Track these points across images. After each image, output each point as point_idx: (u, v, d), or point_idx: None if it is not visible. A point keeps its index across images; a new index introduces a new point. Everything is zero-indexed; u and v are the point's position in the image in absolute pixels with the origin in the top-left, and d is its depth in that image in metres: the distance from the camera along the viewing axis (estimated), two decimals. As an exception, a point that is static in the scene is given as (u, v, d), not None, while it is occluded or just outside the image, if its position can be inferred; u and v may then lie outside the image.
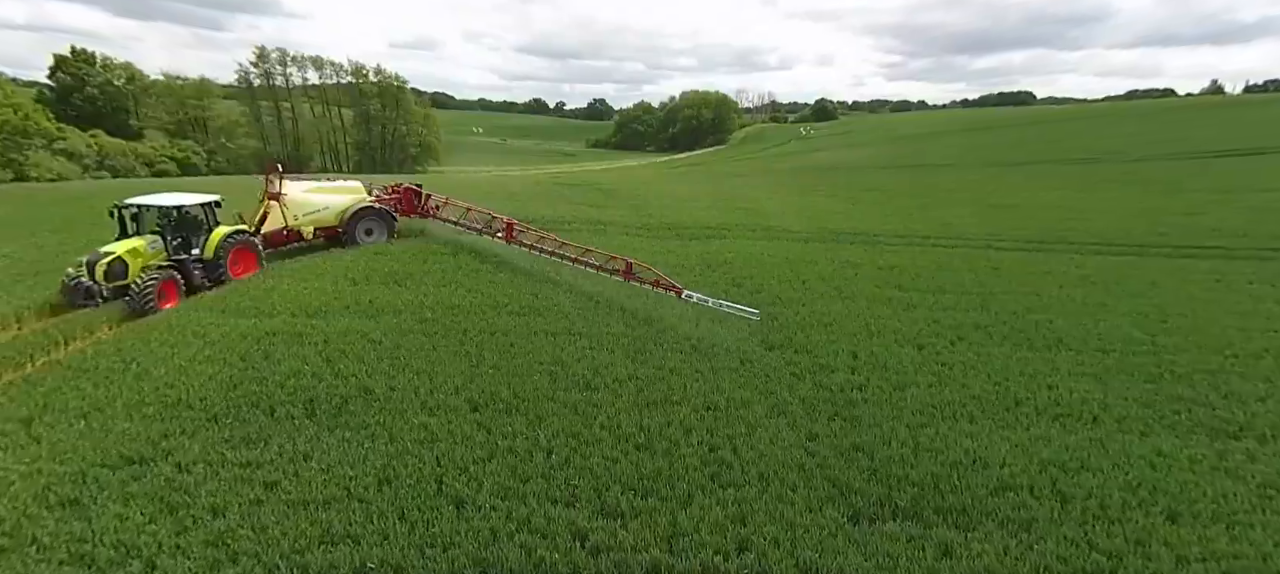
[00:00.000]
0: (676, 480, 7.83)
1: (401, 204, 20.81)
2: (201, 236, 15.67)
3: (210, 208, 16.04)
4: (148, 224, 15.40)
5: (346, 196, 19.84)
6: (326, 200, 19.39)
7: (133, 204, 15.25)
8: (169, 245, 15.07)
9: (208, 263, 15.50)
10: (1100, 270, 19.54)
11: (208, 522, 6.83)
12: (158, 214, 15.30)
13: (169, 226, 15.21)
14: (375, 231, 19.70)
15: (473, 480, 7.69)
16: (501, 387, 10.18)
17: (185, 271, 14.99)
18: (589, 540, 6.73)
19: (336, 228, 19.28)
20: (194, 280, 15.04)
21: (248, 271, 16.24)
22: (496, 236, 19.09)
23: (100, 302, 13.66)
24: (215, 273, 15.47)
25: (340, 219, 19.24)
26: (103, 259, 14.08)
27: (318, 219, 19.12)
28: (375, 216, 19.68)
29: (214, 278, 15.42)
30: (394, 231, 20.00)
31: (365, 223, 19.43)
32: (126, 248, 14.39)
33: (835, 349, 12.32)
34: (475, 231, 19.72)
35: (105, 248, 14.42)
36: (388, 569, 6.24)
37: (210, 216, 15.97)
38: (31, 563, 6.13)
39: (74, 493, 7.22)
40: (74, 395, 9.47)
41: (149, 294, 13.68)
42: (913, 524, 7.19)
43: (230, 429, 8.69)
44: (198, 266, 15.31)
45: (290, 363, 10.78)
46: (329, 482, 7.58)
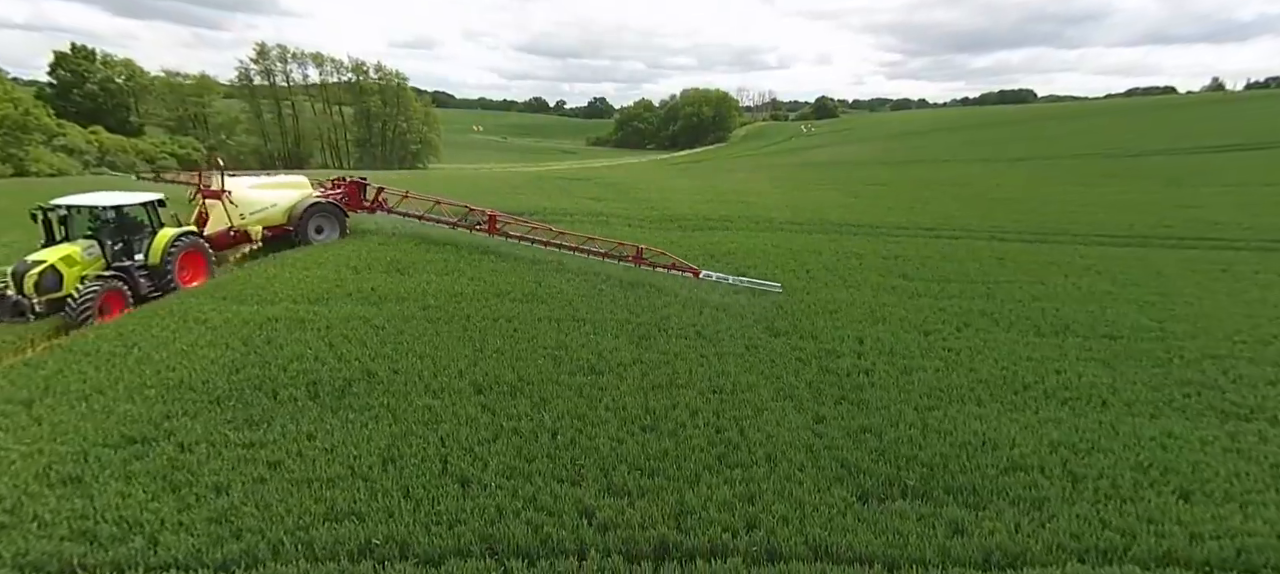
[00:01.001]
0: (683, 460, 7.75)
1: (346, 200, 19.42)
2: (144, 240, 14.05)
3: (153, 208, 14.38)
4: (79, 227, 13.64)
5: (293, 192, 18.61)
6: (274, 197, 18.04)
7: (61, 205, 13.36)
8: (108, 251, 13.38)
9: (153, 269, 13.89)
10: (1104, 261, 19.45)
11: (211, 499, 6.76)
12: (90, 216, 13.57)
13: (106, 230, 13.45)
14: (326, 229, 18.40)
15: (478, 460, 7.61)
16: (506, 370, 10.10)
17: (131, 280, 13.42)
18: (596, 518, 6.65)
19: (286, 226, 17.97)
20: (140, 289, 13.48)
21: (197, 279, 14.69)
22: (477, 229, 18.46)
23: (32, 317, 12.11)
24: (162, 280, 13.89)
25: (288, 217, 17.99)
26: (32, 270, 12.24)
27: (266, 217, 17.74)
28: (325, 213, 18.48)
29: (161, 286, 13.86)
30: (346, 228, 18.77)
31: (315, 220, 18.19)
32: (59, 255, 12.62)
33: (841, 335, 12.24)
34: (448, 226, 18.73)
35: (33, 256, 12.60)
36: (393, 545, 6.16)
37: (153, 218, 14.34)
38: (33, 539, 6.06)
39: (75, 471, 7.15)
40: (76, 378, 9.40)
41: (88, 306, 12.12)
42: (922, 503, 7.11)
43: (233, 411, 8.62)
44: (143, 274, 13.73)
45: (293, 347, 10.71)
46: (333, 461, 7.50)
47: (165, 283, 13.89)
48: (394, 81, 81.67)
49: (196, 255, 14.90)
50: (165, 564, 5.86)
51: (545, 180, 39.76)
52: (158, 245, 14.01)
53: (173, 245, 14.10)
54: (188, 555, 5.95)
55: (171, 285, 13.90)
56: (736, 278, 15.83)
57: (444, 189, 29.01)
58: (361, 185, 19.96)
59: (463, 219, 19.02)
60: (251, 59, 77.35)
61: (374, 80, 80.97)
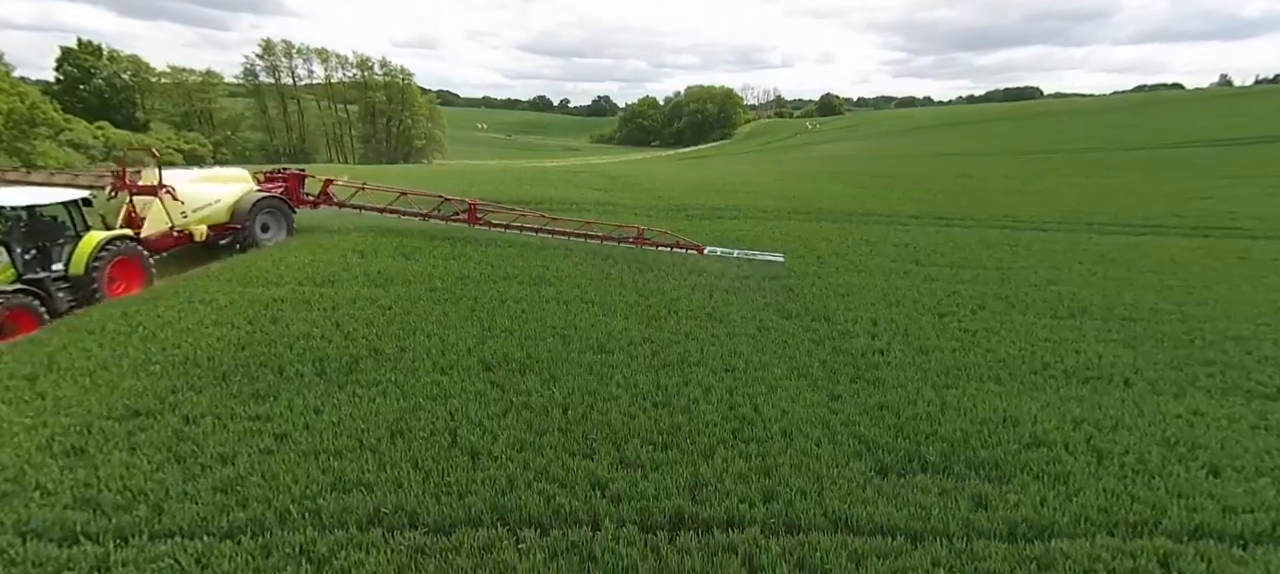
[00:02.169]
0: (697, 435, 7.58)
1: (288, 194, 17.75)
2: (65, 246, 12.13)
3: (76, 208, 12.45)
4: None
5: (236, 186, 16.85)
6: (218, 192, 16.17)
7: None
8: (17, 260, 11.47)
9: (76, 280, 11.98)
10: (1119, 249, 19.22)
11: (216, 469, 6.62)
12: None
13: (15, 234, 11.50)
14: (272, 227, 16.86)
15: (487, 434, 7.45)
16: (515, 349, 9.95)
17: (45, 294, 11.45)
18: (609, 489, 6.49)
19: (231, 225, 16.18)
20: (56, 305, 11.51)
21: (132, 288, 12.77)
22: (456, 219, 17.61)
23: None
24: (86, 292, 12.02)
25: (232, 213, 16.23)
26: None
27: (210, 214, 15.80)
28: (271, 210, 16.88)
29: (84, 298, 11.99)
30: (292, 226, 17.28)
31: (261, 217, 16.58)
32: None
33: (854, 317, 12.06)
34: (418, 217, 17.72)
35: None
36: (402, 514, 6.01)
37: (76, 219, 12.42)
38: (35, 507, 5.93)
39: (79, 443, 7.02)
40: (79, 354, 9.28)
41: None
42: (943, 477, 6.93)
43: (239, 386, 8.48)
44: (62, 286, 11.85)
45: (299, 326, 10.57)
46: (340, 433, 7.35)
47: (89, 295, 12.04)
48: (399, 78, 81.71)
49: (130, 262, 12.97)
50: (170, 531, 5.71)
51: (550, 174, 39.63)
52: (81, 252, 12.04)
53: (100, 252, 12.16)
54: (192, 523, 5.81)
55: (98, 297, 12.07)
56: (741, 251, 15.74)
57: (450, 183, 28.97)
58: (301, 177, 18.52)
59: (435, 209, 17.92)
60: (257, 55, 77.45)
61: (379, 76, 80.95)
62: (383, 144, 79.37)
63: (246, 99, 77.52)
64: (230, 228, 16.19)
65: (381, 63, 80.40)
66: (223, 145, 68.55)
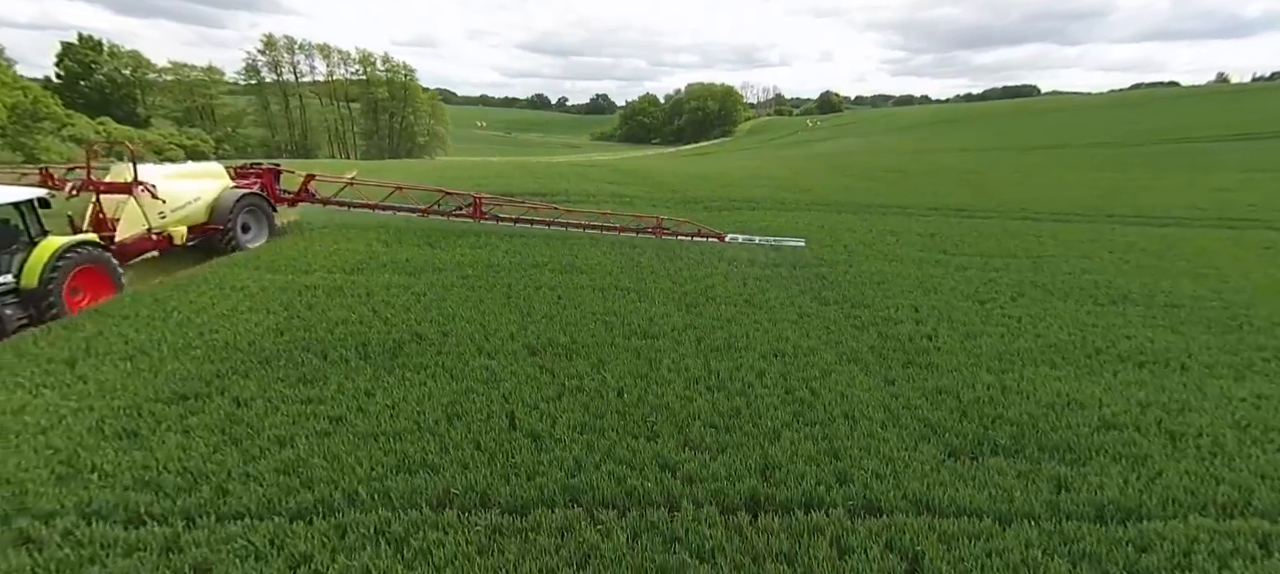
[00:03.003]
0: (758, 418, 7.42)
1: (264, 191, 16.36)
2: (16, 254, 10.48)
3: (29, 209, 10.73)
4: None
5: (213, 182, 15.28)
6: (196, 188, 14.62)
7: None
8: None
9: (28, 294, 10.27)
10: (1145, 239, 19.08)
11: (275, 452, 6.44)
12: None
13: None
14: (253, 228, 15.44)
15: (545, 416, 7.28)
16: (558, 334, 9.77)
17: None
18: (679, 471, 6.32)
19: (211, 225, 14.59)
20: (3, 323, 9.83)
21: (97, 299, 11.07)
22: (458, 214, 16.87)
23: None
24: (41, 307, 10.31)
25: (211, 212, 14.70)
26: None
27: (189, 214, 14.26)
28: (253, 208, 15.44)
29: (39, 315, 10.27)
30: (274, 227, 16.05)
31: (243, 216, 15.17)
32: None
33: (894, 304, 11.90)
34: (416, 213, 16.88)
35: None
36: (473, 496, 5.84)
37: (30, 223, 10.75)
38: (95, 488, 5.75)
39: (130, 426, 6.83)
40: (116, 339, 9.09)
41: None
42: (1017, 460, 6.76)
43: (284, 370, 8.29)
44: (10, 300, 10.16)
45: (336, 312, 10.40)
46: (397, 416, 7.18)
47: (45, 310, 10.31)
48: (402, 74, 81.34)
49: (95, 271, 11.28)
50: (237, 512, 5.53)
51: (561, 169, 39.46)
52: (36, 261, 10.35)
53: (58, 260, 10.51)
54: (259, 504, 5.63)
55: (55, 312, 10.35)
56: (762, 238, 15.59)
57: (462, 178, 28.77)
58: (276, 172, 17.14)
59: (434, 204, 16.96)
60: (259, 50, 77.03)
61: (382, 72, 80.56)
62: (385, 141, 79.03)
63: (248, 95, 77.02)
64: (209, 229, 14.57)
65: (384, 59, 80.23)
66: (225, 142, 68.15)
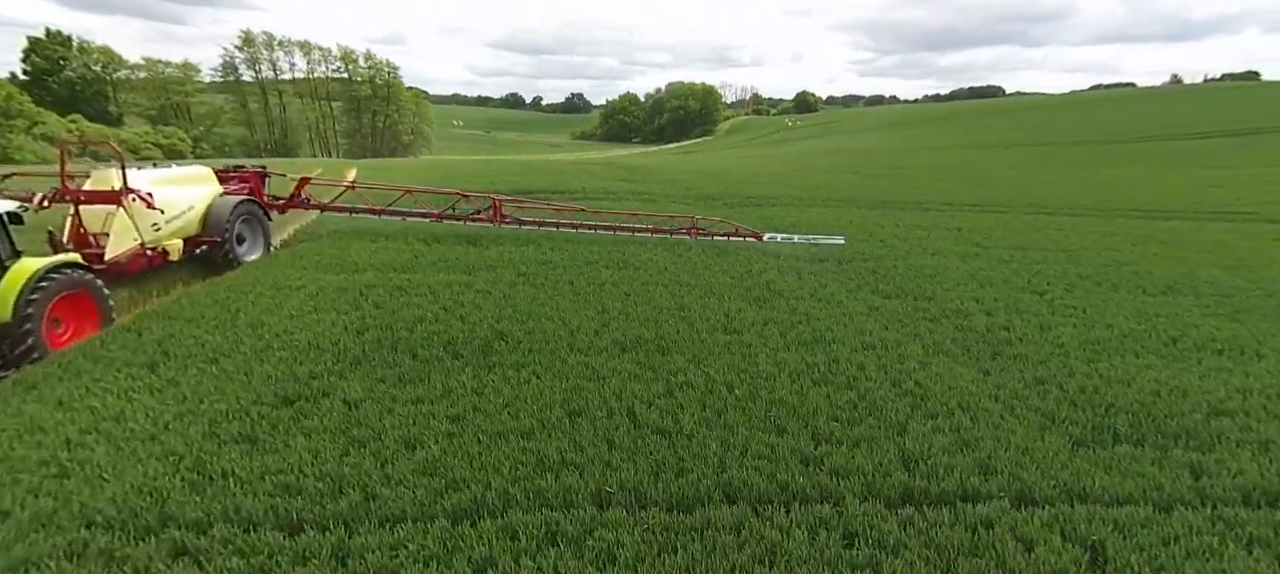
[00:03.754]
0: (877, 410, 7.38)
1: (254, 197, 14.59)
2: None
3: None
4: None
5: (205, 187, 13.37)
6: (190, 196, 12.74)
7: None
8: None
9: (3, 328, 8.46)
10: (1162, 232, 19.58)
11: (406, 453, 6.22)
12: None
13: None
14: (248, 239, 13.70)
15: (665, 413, 7.16)
16: (642, 331, 9.64)
17: None
18: (824, 465, 6.25)
19: (205, 237, 12.77)
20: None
21: (82, 333, 9.33)
22: (476, 219, 15.73)
23: None
24: (18, 345, 8.48)
25: (206, 223, 12.86)
26: None
27: (185, 225, 12.44)
28: (248, 216, 13.71)
29: (15, 356, 8.46)
30: (270, 239, 14.46)
31: (239, 226, 13.40)
32: None
33: (956, 296, 11.99)
34: (428, 219, 15.76)
35: None
36: (628, 493, 5.69)
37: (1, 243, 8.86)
38: (238, 495, 5.47)
39: (245, 430, 6.54)
40: (190, 342, 8.71)
41: None
42: (1142, 448, 6.82)
43: (380, 370, 8.04)
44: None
45: (407, 311, 10.13)
46: (517, 415, 6.99)
47: (23, 348, 8.49)
48: (385, 72, 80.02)
49: (80, 298, 9.48)
50: (392, 517, 5.32)
51: (562, 166, 39.18)
52: (8, 289, 8.52)
53: (35, 288, 8.66)
54: (412, 508, 5.41)
55: (35, 352, 8.55)
56: (801, 237, 15.61)
57: (462, 178, 28.33)
58: (262, 175, 15.31)
59: (449, 208, 15.87)
60: (237, 47, 75.05)
61: (364, 70, 79.17)
62: (368, 140, 77.63)
63: (225, 93, 74.98)
64: (203, 241, 12.77)
65: (366, 56, 78.82)
66: (202, 140, 66.28)
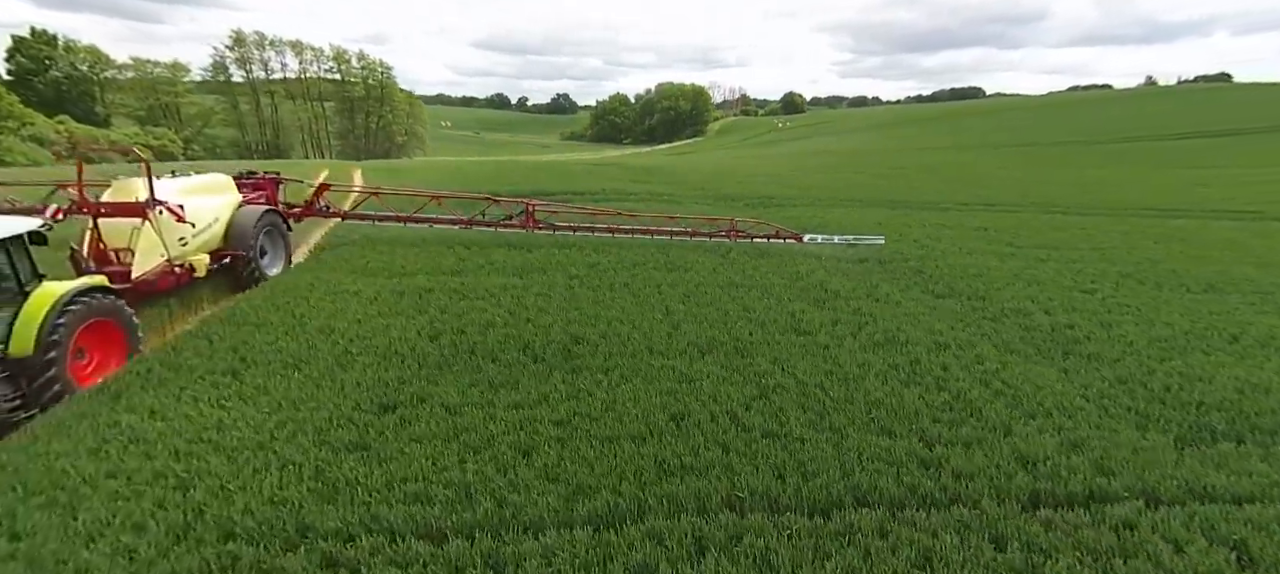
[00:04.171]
0: (976, 412, 7.39)
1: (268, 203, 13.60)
2: (4, 310, 7.49)
3: (18, 248, 7.75)
4: None
5: (227, 196, 12.45)
6: (214, 206, 11.87)
7: None
8: None
9: (22, 364, 7.30)
10: (1172, 231, 19.95)
11: (524, 460, 6.12)
12: None
13: None
14: (269, 252, 12.76)
15: (768, 416, 7.11)
16: (714, 332, 9.60)
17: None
18: (945, 467, 6.23)
19: (229, 251, 11.86)
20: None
21: (108, 367, 8.26)
22: (508, 225, 14.87)
23: None
24: (41, 383, 7.34)
25: (229, 235, 11.99)
26: None
27: (210, 238, 11.59)
28: (271, 227, 12.80)
29: (38, 396, 7.33)
30: (291, 251, 13.54)
31: (262, 239, 12.50)
32: None
33: (1007, 296, 12.05)
34: (458, 225, 14.81)
35: None
36: (759, 498, 5.64)
37: (18, 266, 7.73)
38: (373, 504, 5.35)
39: (354, 438, 6.41)
40: (266, 348, 8.52)
41: None
42: (1244, 445, 6.89)
43: (468, 375, 7.92)
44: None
45: (473, 314, 10.01)
46: (621, 419, 6.91)
47: (46, 387, 7.37)
48: (378, 72, 79.25)
49: (107, 326, 8.35)
50: (532, 523, 5.23)
51: (572, 167, 39.03)
52: (30, 318, 7.43)
53: (61, 315, 7.58)
54: (549, 514, 5.33)
55: (58, 390, 7.45)
56: (841, 237, 15.63)
57: (464, 180, 28.10)
58: (277, 181, 14.33)
59: (479, 215, 14.97)
60: (227, 46, 73.94)
61: (357, 70, 78.32)
62: (361, 140, 76.82)
63: (215, 94, 73.79)
64: (226, 255, 11.89)
65: (359, 56, 77.99)
66: (193, 142, 65.17)
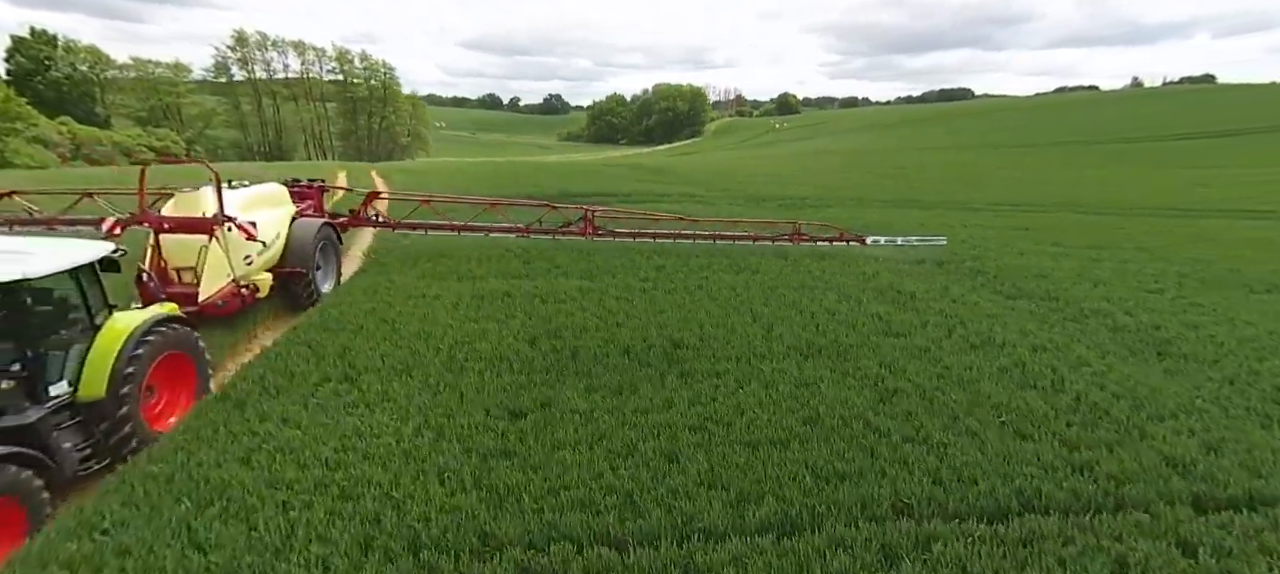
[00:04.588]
0: (1103, 414, 7.34)
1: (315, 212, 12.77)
2: (72, 346, 6.30)
3: (89, 276, 6.51)
4: None
5: (283, 208, 11.53)
6: (275, 219, 10.94)
7: None
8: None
9: (94, 409, 6.22)
10: (1198, 229, 20.10)
11: (674, 467, 6.02)
12: None
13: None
14: (323, 267, 11.78)
15: (900, 419, 7.05)
16: (809, 335, 9.54)
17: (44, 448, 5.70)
18: (1095, 470, 6.18)
19: (289, 269, 10.90)
20: (63, 468, 5.84)
21: (175, 408, 7.19)
22: (567, 232, 14.00)
23: None
24: (114, 431, 6.27)
25: (288, 251, 11.01)
26: None
27: (272, 255, 10.72)
28: (326, 240, 11.93)
29: (110, 445, 6.28)
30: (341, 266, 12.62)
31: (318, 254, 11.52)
32: None
33: (1078, 295, 12.09)
34: (514, 234, 13.82)
35: None
36: (928, 505, 5.58)
37: (91, 296, 6.53)
38: (546, 513, 5.25)
39: (497, 445, 6.32)
40: (370, 354, 8.37)
41: None
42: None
43: (581, 380, 7.84)
44: (69, 421, 6.14)
45: (562, 318, 9.91)
46: (754, 423, 6.85)
47: (117, 433, 6.28)
48: (381, 73, 78.84)
49: (180, 360, 7.25)
50: (708, 531, 5.15)
51: (594, 167, 38.91)
52: (102, 355, 6.32)
53: (136, 349, 6.47)
54: (722, 522, 5.26)
55: (132, 439, 6.37)
56: (904, 238, 15.59)
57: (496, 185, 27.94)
58: (323, 189, 13.42)
59: (536, 223, 14.01)
60: (229, 47, 73.37)
61: (360, 70, 77.91)
62: (364, 142, 76.37)
63: (216, 95, 73.16)
64: (286, 273, 10.91)
65: (361, 56, 77.56)
66: (195, 143, 64.57)
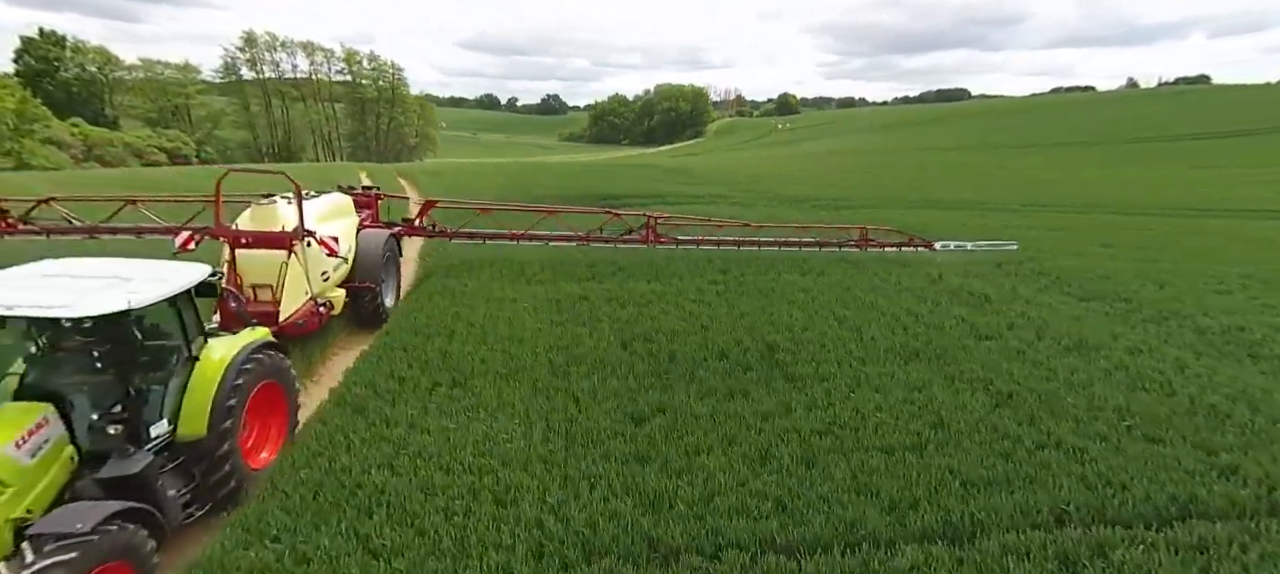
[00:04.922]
0: (1223, 416, 7.29)
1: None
2: (170, 380, 5.48)
3: (186, 303, 5.65)
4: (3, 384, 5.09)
5: (349, 219, 10.96)
6: (346, 231, 10.37)
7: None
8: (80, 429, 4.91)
9: (196, 445, 5.42)
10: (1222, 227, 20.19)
11: (817, 473, 5.97)
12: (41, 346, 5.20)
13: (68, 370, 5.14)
14: (387, 281, 11.07)
15: (1025, 423, 7.01)
16: (901, 338, 9.53)
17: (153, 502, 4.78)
18: (1240, 474, 6.14)
19: (357, 283, 10.28)
20: (169, 516, 4.94)
21: (265, 442, 6.45)
22: (628, 240, 12.88)
23: None
24: (214, 475, 5.49)
25: (355, 265, 10.44)
26: None
27: (347, 267, 10.24)
28: (392, 253, 11.46)
29: (213, 492, 5.49)
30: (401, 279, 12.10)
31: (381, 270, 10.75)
32: None
33: (1149, 297, 12.11)
34: (573, 242, 12.84)
35: None
36: (1086, 512, 5.54)
37: (189, 324, 5.71)
38: (708, 520, 5.20)
39: (628, 450, 6.29)
40: (469, 358, 8.36)
41: None
42: None
43: (690, 384, 7.81)
44: (169, 465, 5.24)
45: (647, 322, 9.91)
46: (880, 428, 6.81)
47: (219, 474, 5.52)
48: (390, 73, 78.71)
49: (274, 391, 6.50)
50: (877, 538, 5.11)
51: (613, 166, 38.89)
52: (201, 388, 5.58)
53: (237, 378, 5.76)
54: (887, 530, 5.22)
55: (230, 479, 5.62)
56: (974, 244, 15.50)
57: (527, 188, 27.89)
58: (378, 198, 12.88)
59: (598, 230, 12.97)
60: (238, 48, 73.19)
61: (368, 71, 77.78)
62: (372, 142, 76.24)
63: (226, 96, 72.98)
64: (353, 287, 10.25)
65: (370, 57, 77.44)
66: (205, 144, 64.39)
